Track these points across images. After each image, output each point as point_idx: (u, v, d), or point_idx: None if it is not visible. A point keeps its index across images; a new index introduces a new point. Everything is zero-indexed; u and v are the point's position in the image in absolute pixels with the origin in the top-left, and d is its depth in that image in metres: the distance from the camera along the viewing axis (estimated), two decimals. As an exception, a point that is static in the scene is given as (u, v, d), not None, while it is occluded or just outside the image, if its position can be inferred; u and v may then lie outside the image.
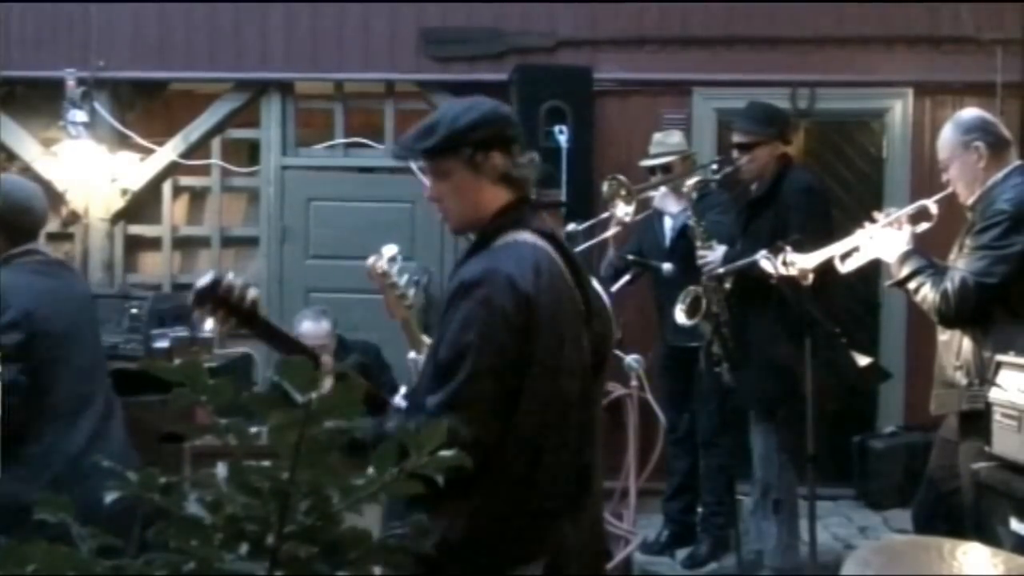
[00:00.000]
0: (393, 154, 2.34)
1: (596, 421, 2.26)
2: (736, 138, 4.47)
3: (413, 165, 2.40)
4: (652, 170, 5.03)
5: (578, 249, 4.25)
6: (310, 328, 4.82)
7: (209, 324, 2.22)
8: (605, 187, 4.44)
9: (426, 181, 2.25)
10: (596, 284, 2.66)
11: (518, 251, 2.12)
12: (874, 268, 3.86)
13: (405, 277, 2.59)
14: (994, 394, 3.07)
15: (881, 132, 6.18)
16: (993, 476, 3.03)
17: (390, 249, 2.62)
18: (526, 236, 2.17)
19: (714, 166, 4.63)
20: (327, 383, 2.03)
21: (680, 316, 4.31)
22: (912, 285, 3.38)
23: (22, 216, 3.04)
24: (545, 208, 2.85)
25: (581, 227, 4.49)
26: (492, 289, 2.03)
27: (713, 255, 4.32)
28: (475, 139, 2.15)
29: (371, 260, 2.60)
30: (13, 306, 2.87)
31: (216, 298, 2.14)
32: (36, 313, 2.91)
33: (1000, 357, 3.13)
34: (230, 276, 2.17)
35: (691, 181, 4.49)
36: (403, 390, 2.31)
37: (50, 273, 3.08)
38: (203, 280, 2.16)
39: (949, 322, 3.35)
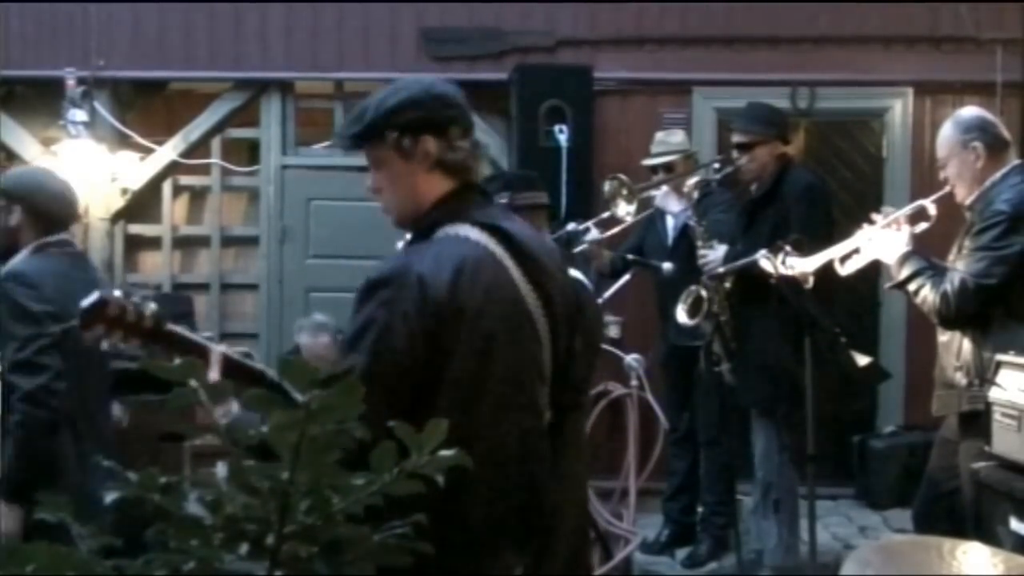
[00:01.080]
0: (333, 143, 2.22)
1: (543, 434, 2.01)
2: (735, 138, 4.47)
3: None
4: (654, 169, 5.03)
5: (578, 249, 4.24)
6: (307, 343, 4.82)
7: (105, 345, 2.03)
8: (607, 186, 4.44)
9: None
10: (585, 284, 2.61)
11: (442, 248, 1.94)
12: (874, 268, 3.85)
13: None
14: (994, 394, 3.06)
15: (881, 132, 6.18)
16: (993, 476, 3.03)
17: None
18: (463, 230, 1.97)
19: (715, 165, 4.63)
20: (213, 375, 1.87)
21: (681, 316, 4.30)
22: (912, 287, 3.38)
23: (56, 204, 3.05)
24: (526, 210, 2.82)
25: (581, 227, 4.48)
26: (397, 290, 1.86)
27: (714, 254, 4.32)
28: (400, 122, 1.97)
29: None
30: (50, 297, 2.86)
31: (107, 319, 1.88)
32: (68, 307, 2.87)
33: (1000, 356, 3.12)
34: (117, 293, 1.91)
35: (692, 181, 4.49)
36: None
37: (78, 266, 3.08)
38: (87, 300, 1.90)
39: (949, 323, 3.34)
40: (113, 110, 6.20)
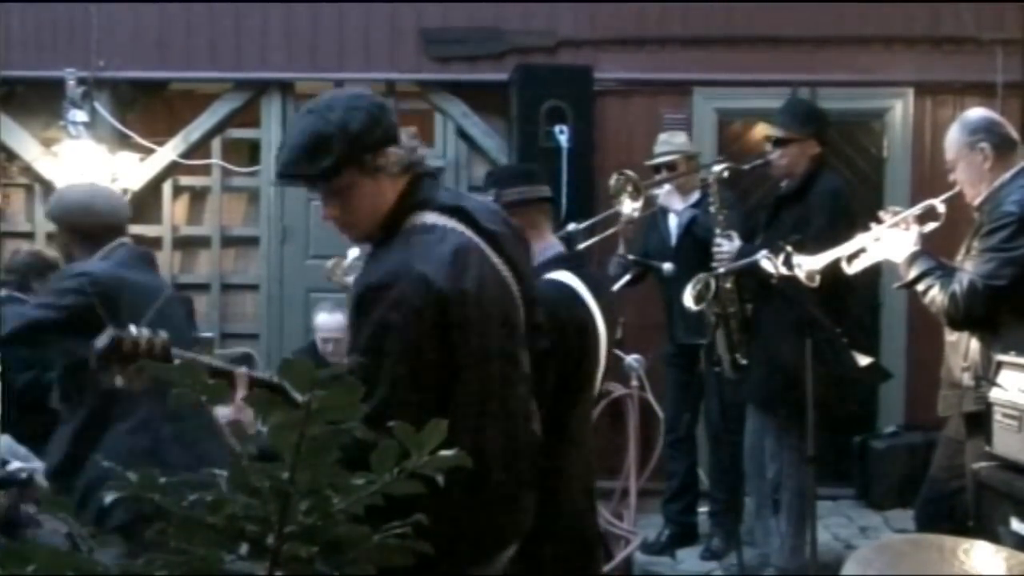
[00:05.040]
0: (277, 179, 2.10)
1: (530, 400, 2.18)
2: (772, 132, 4.39)
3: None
4: (656, 169, 5.03)
5: (579, 248, 4.23)
6: (324, 320, 4.91)
7: (119, 381, 1.96)
8: (612, 181, 4.42)
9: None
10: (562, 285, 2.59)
11: (430, 241, 1.98)
12: (875, 268, 3.85)
13: None
14: (995, 394, 3.06)
15: (882, 132, 6.18)
16: (994, 476, 3.03)
17: (353, 251, 2.50)
18: (434, 219, 2.02)
19: (715, 167, 4.59)
20: (239, 394, 1.85)
21: (688, 300, 4.22)
22: (921, 287, 3.38)
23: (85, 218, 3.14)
24: (518, 206, 2.73)
25: (581, 226, 4.47)
26: (403, 290, 1.90)
27: (729, 245, 4.26)
28: (369, 144, 1.97)
29: (330, 263, 2.49)
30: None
31: (123, 356, 1.90)
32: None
33: (1001, 357, 3.12)
34: (131, 330, 1.93)
35: (717, 168, 4.42)
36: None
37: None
38: (100, 341, 1.91)
39: (958, 324, 3.34)
40: (113, 110, 6.20)
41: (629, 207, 4.35)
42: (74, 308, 2.90)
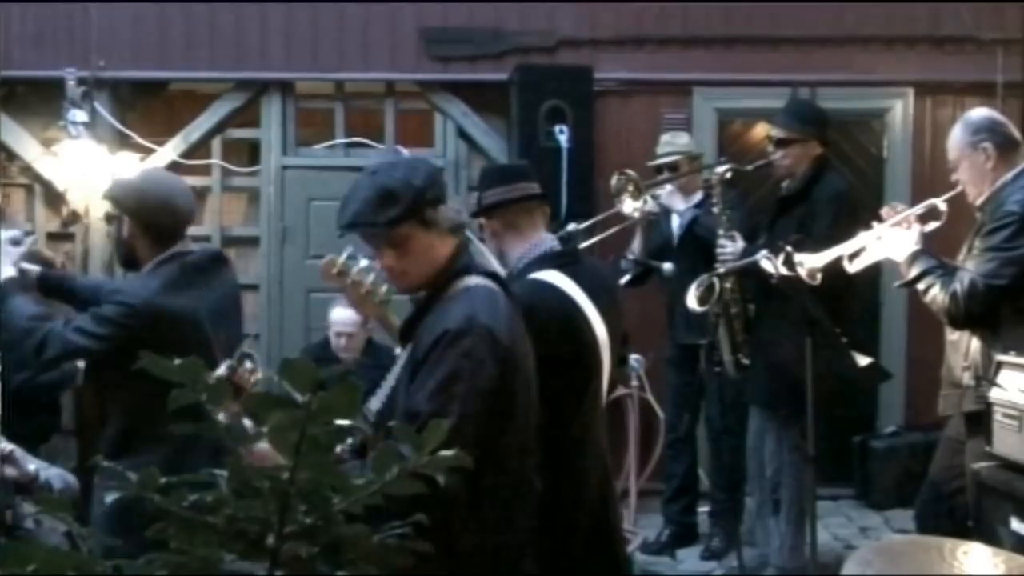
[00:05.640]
0: (342, 229, 2.26)
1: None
2: (773, 132, 4.40)
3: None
4: (659, 169, 5.03)
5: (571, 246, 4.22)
6: (339, 315, 4.88)
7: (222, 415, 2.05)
8: (614, 181, 4.42)
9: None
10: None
11: (486, 299, 2.16)
12: (875, 267, 3.85)
13: (373, 274, 2.49)
14: (995, 394, 3.06)
15: (882, 132, 6.18)
16: (994, 476, 3.03)
17: (348, 249, 2.54)
18: (483, 281, 2.20)
19: (719, 169, 4.59)
20: None
21: (692, 302, 4.22)
22: (921, 286, 3.38)
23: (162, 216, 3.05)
24: (511, 205, 2.67)
25: (581, 226, 4.48)
26: (475, 340, 2.06)
27: (732, 246, 4.27)
28: (430, 198, 2.17)
29: (325, 260, 2.53)
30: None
31: (235, 389, 2.17)
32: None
33: (1000, 357, 3.12)
34: (247, 363, 2.26)
35: (720, 169, 4.43)
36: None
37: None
38: (219, 372, 2.15)
39: (958, 323, 3.34)
40: (113, 110, 6.20)
41: (630, 206, 4.35)
42: (110, 339, 2.91)
